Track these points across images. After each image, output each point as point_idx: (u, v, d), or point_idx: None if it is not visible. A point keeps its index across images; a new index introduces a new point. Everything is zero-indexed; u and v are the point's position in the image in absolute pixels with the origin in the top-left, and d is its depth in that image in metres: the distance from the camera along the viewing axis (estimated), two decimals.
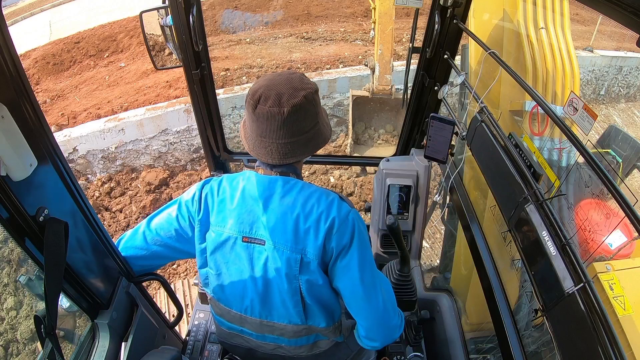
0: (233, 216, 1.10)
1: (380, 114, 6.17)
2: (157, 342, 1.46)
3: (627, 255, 1.90)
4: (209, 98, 2.02)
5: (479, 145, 1.48)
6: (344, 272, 1.07)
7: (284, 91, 1.00)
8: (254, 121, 1.03)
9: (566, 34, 2.26)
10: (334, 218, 1.04)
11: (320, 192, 1.10)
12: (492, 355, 1.87)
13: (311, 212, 1.05)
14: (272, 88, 1.00)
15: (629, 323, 1.39)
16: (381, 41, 5.09)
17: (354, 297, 1.10)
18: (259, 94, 1.00)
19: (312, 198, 1.07)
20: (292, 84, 1.02)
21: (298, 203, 1.07)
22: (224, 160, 2.39)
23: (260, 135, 1.04)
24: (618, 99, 8.69)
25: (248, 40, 8.34)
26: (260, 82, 1.04)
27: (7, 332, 3.41)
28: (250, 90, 1.04)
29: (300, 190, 1.09)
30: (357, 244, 1.07)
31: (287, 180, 1.10)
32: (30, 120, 0.85)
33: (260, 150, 1.06)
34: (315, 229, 1.04)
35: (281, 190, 1.08)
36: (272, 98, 0.99)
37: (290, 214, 1.06)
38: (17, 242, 0.89)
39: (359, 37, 8.49)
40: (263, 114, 1.00)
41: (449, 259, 2.81)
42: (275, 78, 1.04)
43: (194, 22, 1.66)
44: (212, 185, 1.15)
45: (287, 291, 1.10)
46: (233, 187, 1.13)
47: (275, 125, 1.00)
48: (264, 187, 1.09)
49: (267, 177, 1.10)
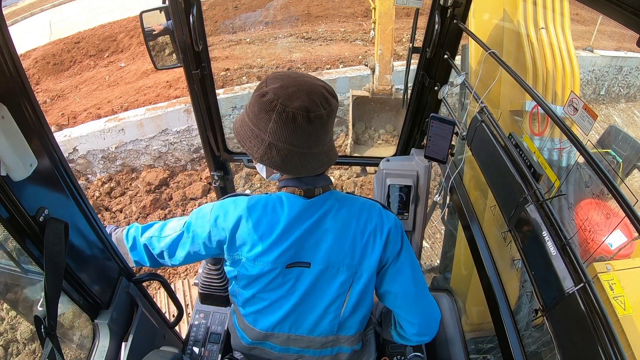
0: (276, 249, 1.00)
1: (380, 114, 6.17)
2: (157, 342, 1.46)
3: (627, 255, 1.90)
4: (209, 98, 2.02)
5: (479, 145, 1.48)
6: (397, 276, 1.06)
7: (310, 100, 0.90)
8: (283, 127, 0.90)
9: (566, 34, 2.26)
10: (390, 229, 1.02)
11: (367, 203, 1.06)
12: (492, 355, 1.88)
13: (366, 227, 1.01)
14: (296, 93, 0.90)
15: (629, 323, 1.39)
16: (381, 41, 5.09)
17: (406, 298, 1.08)
18: (282, 91, 0.89)
19: (364, 211, 1.03)
20: (315, 89, 0.93)
21: (352, 219, 1.01)
22: (224, 160, 2.39)
23: (294, 144, 0.92)
24: (618, 99, 8.69)
25: (248, 40, 8.34)
26: (283, 81, 0.91)
27: (7, 332, 3.41)
28: (271, 92, 0.90)
29: (349, 204, 1.03)
30: (405, 246, 1.06)
31: (330, 194, 1.03)
32: (30, 120, 0.85)
33: (293, 162, 0.95)
34: (373, 242, 1.01)
35: (331, 209, 1.01)
36: (299, 103, 0.89)
37: (346, 232, 1.01)
38: (17, 242, 0.89)
39: (359, 37, 8.49)
40: (287, 119, 0.89)
41: (449, 259, 2.81)
42: (298, 81, 0.92)
43: (194, 22, 1.66)
44: (241, 215, 1.02)
45: (328, 306, 1.05)
46: (268, 214, 1.01)
47: (300, 131, 0.90)
48: (311, 210, 1.00)
49: (312, 200, 1.01)
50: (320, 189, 1.03)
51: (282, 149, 0.93)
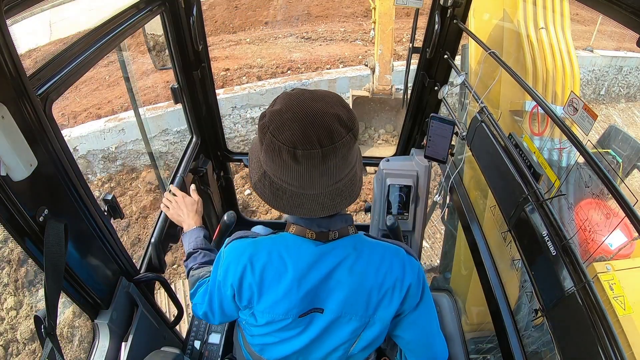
0: (286, 301, 0.91)
1: (380, 114, 6.17)
2: (157, 342, 1.46)
3: (627, 255, 1.90)
4: (209, 98, 2.02)
5: (479, 145, 1.48)
6: (412, 325, 1.00)
7: (313, 135, 0.74)
8: (271, 159, 0.78)
9: (566, 34, 2.26)
10: (410, 284, 0.93)
11: (388, 252, 0.94)
12: (492, 355, 1.88)
13: (385, 281, 0.91)
14: (302, 131, 0.74)
15: (629, 323, 1.39)
16: (381, 41, 5.09)
17: (418, 345, 1.04)
18: (285, 131, 0.75)
19: (385, 263, 0.92)
20: (324, 119, 0.76)
21: (370, 272, 0.91)
22: (224, 160, 2.39)
23: (285, 181, 0.80)
24: (618, 99, 8.69)
25: (248, 40, 8.34)
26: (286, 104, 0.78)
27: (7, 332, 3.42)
28: (268, 115, 0.78)
29: (368, 254, 0.92)
30: (426, 298, 0.98)
31: (349, 241, 0.91)
32: (30, 120, 0.85)
33: (285, 200, 0.83)
34: (390, 296, 0.93)
35: (347, 259, 0.90)
36: (308, 144, 0.74)
37: (362, 286, 0.91)
38: (17, 242, 0.89)
39: (359, 37, 8.49)
40: (290, 161, 0.76)
41: (449, 259, 2.81)
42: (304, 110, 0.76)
43: (194, 22, 1.66)
44: (245, 265, 0.92)
45: (338, 347, 0.99)
46: (274, 263, 0.90)
47: (310, 174, 0.77)
48: (324, 260, 0.89)
49: (324, 247, 0.89)
50: (335, 232, 0.90)
51: (275, 182, 0.82)
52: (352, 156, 0.81)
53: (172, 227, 1.69)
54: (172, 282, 4.32)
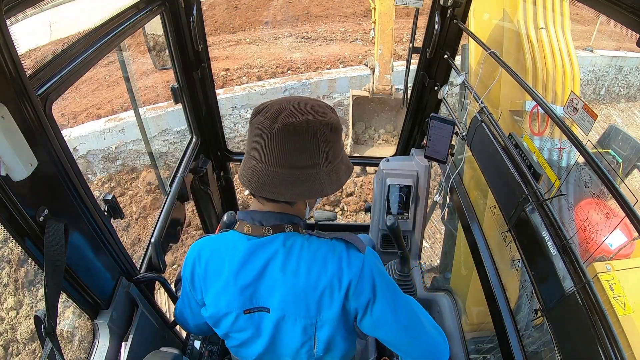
0: (225, 294, 0.95)
1: (380, 114, 6.17)
2: (157, 343, 1.46)
3: (627, 255, 1.90)
4: (209, 98, 2.02)
5: (479, 145, 1.48)
6: (378, 325, 0.94)
7: (287, 107, 0.84)
8: (249, 135, 0.89)
9: (566, 34, 2.26)
10: (350, 281, 0.89)
11: (325, 250, 0.91)
12: (492, 355, 1.88)
13: (319, 280, 0.89)
14: (279, 102, 0.87)
15: (629, 323, 1.39)
16: (381, 41, 5.10)
17: (400, 343, 0.98)
18: (263, 105, 0.88)
19: (317, 261, 0.90)
20: (303, 106, 0.85)
21: (301, 273, 0.90)
22: (224, 160, 2.39)
23: (249, 152, 0.89)
24: (618, 99, 8.69)
25: (248, 40, 8.35)
26: (276, 99, 0.91)
27: (7, 332, 3.42)
28: (264, 104, 0.91)
29: (299, 254, 0.91)
30: (381, 293, 0.91)
31: (279, 238, 0.92)
32: (30, 120, 0.85)
33: (245, 172, 0.89)
34: (330, 296, 0.90)
35: (277, 257, 0.91)
36: (272, 111, 0.84)
37: (297, 286, 0.90)
38: (17, 242, 0.89)
39: (359, 37, 8.49)
40: (256, 125, 0.85)
41: (449, 259, 2.81)
42: (290, 98, 0.89)
43: (194, 22, 1.66)
44: (194, 258, 0.99)
45: (300, 348, 0.98)
46: (215, 258, 0.96)
47: (264, 142, 0.84)
48: (257, 255, 0.92)
49: (256, 242, 0.92)
50: (269, 228, 0.91)
51: (248, 156, 0.89)
52: (320, 157, 0.85)
53: (172, 227, 1.69)
54: (172, 282, 4.32)
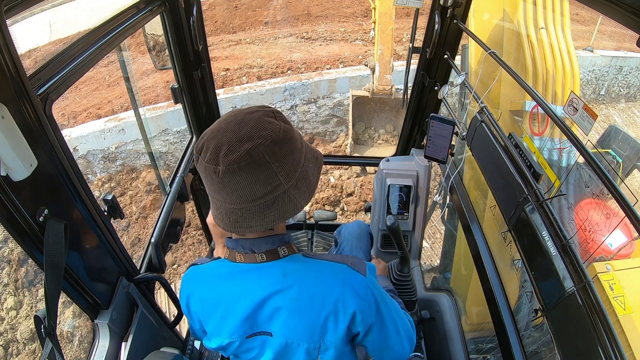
0: (226, 325, 0.92)
1: (380, 114, 6.17)
2: (157, 342, 1.46)
3: (627, 255, 1.90)
4: (209, 98, 2.02)
5: (479, 145, 1.48)
6: (375, 341, 0.95)
7: (224, 142, 0.76)
8: (201, 176, 0.82)
9: (566, 34, 2.26)
10: (355, 307, 0.86)
11: (327, 274, 0.88)
12: (492, 355, 1.88)
13: (323, 306, 0.86)
14: (215, 136, 0.77)
15: (629, 323, 1.39)
16: (381, 41, 5.10)
17: (382, 351, 0.99)
18: (202, 143, 0.79)
19: (319, 288, 0.86)
20: (241, 131, 0.76)
21: (304, 299, 0.86)
22: None
23: (210, 194, 0.83)
24: (618, 99, 8.69)
25: (248, 40, 8.35)
26: (213, 125, 0.82)
27: (7, 332, 3.42)
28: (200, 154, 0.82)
29: (301, 279, 0.87)
30: (382, 314, 0.92)
31: (277, 267, 0.87)
32: (30, 121, 0.85)
33: (216, 212, 0.85)
34: (334, 321, 0.87)
35: (277, 287, 0.86)
36: (211, 150, 0.76)
37: (300, 313, 0.87)
38: (17, 242, 0.89)
39: (359, 37, 8.49)
40: (201, 169, 0.79)
41: (449, 259, 2.81)
42: (228, 120, 0.79)
43: (194, 22, 1.66)
44: (188, 295, 0.97)
45: None
46: (209, 289, 0.93)
47: (216, 186, 0.78)
48: (255, 285, 0.87)
49: (253, 272, 0.88)
50: (262, 254, 0.86)
51: (212, 200, 0.84)
52: (278, 177, 0.78)
53: (172, 227, 1.69)
54: (172, 282, 4.32)
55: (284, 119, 0.82)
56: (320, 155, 0.91)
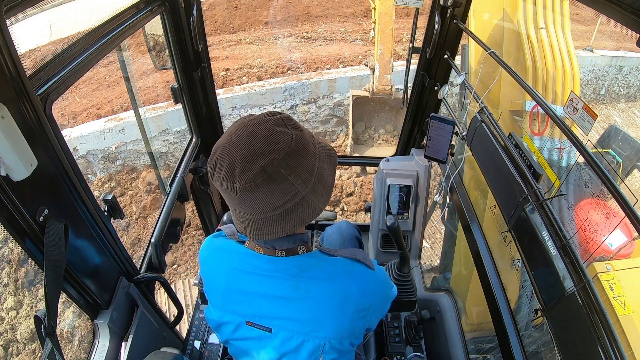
0: (232, 300, 0.95)
1: (380, 114, 6.17)
2: (158, 342, 1.46)
3: (627, 255, 1.90)
4: (209, 98, 2.02)
5: (479, 145, 1.48)
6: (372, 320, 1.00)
7: (237, 159, 0.76)
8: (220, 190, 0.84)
9: (566, 34, 2.26)
10: (369, 302, 0.91)
11: (339, 270, 0.91)
12: (492, 355, 1.88)
13: (333, 299, 0.89)
14: (228, 152, 0.78)
15: (629, 323, 1.39)
16: (381, 41, 5.10)
17: None
18: (215, 159, 0.80)
19: (331, 283, 0.89)
20: (253, 146, 0.75)
21: (316, 291, 0.89)
22: None
23: (230, 205, 0.86)
24: (618, 99, 8.69)
25: (248, 40, 8.34)
26: (223, 138, 0.82)
27: (7, 332, 3.42)
28: None
29: (315, 273, 0.90)
30: (387, 305, 1.02)
31: (294, 261, 0.90)
32: (30, 120, 0.85)
33: (238, 221, 0.87)
34: (343, 314, 0.90)
35: (290, 282, 0.89)
36: (225, 167, 0.77)
37: (307, 303, 0.89)
38: (17, 242, 0.89)
39: (359, 37, 8.49)
40: (219, 185, 0.81)
41: (449, 259, 2.81)
42: (238, 133, 0.79)
43: (194, 22, 1.66)
44: (205, 255, 1.02)
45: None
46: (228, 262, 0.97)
47: (235, 200, 0.80)
48: (269, 276, 0.91)
49: (270, 262, 0.91)
50: (282, 251, 0.90)
51: (233, 211, 0.87)
52: (296, 185, 0.79)
53: (172, 227, 1.69)
54: (172, 282, 4.32)
55: (294, 124, 0.81)
56: (333, 152, 0.92)
